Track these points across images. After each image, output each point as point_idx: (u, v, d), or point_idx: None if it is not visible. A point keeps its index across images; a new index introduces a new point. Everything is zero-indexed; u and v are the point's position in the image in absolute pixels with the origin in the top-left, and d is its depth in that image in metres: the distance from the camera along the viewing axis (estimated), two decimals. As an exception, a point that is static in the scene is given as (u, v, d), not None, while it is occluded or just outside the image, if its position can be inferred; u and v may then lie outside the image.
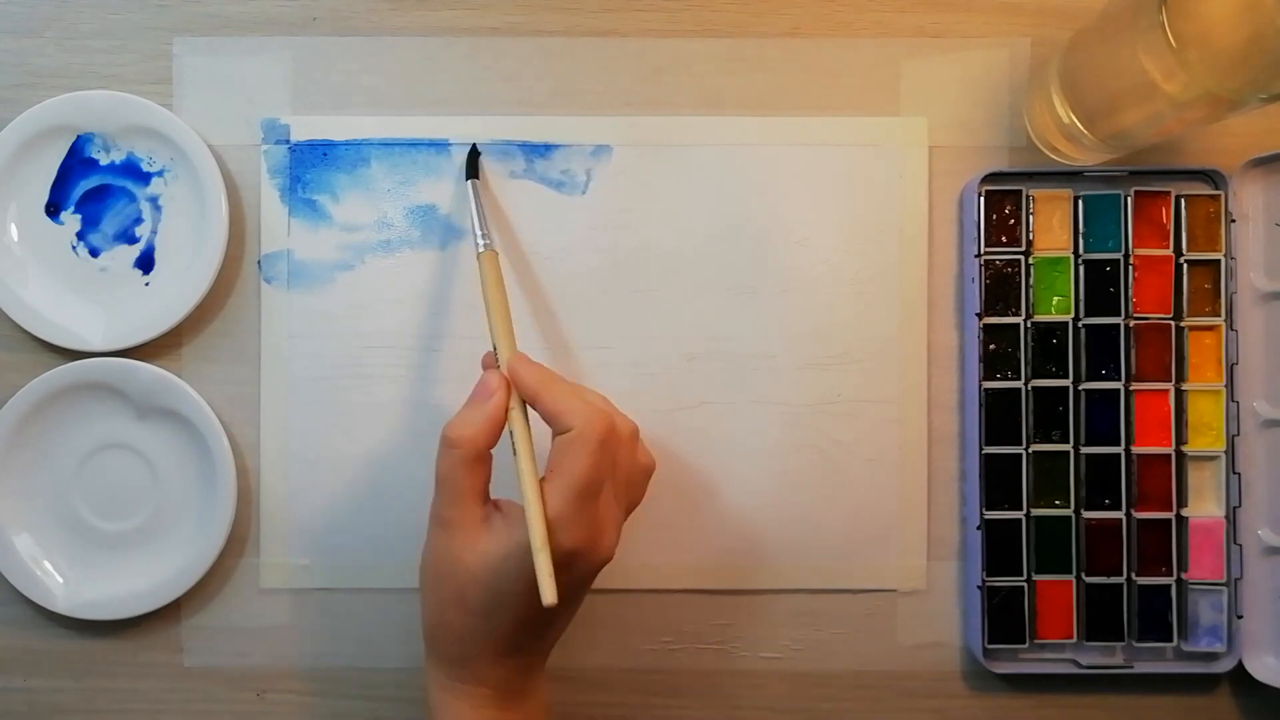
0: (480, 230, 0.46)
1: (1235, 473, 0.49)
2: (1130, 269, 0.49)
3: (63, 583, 0.50)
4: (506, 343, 0.43)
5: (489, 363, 0.44)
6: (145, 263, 0.50)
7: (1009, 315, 0.49)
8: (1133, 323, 0.49)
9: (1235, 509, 0.49)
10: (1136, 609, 0.49)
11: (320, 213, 0.51)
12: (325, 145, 0.51)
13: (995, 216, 0.49)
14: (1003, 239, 0.49)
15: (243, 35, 0.51)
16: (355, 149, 0.51)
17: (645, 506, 0.50)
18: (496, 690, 0.42)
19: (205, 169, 0.49)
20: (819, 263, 0.50)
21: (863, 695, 0.51)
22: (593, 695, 0.51)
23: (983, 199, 0.49)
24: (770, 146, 0.50)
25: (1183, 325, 0.49)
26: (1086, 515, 0.49)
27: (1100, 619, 0.49)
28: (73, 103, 0.50)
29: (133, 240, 0.50)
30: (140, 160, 0.50)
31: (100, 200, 0.50)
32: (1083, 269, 0.49)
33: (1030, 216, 0.49)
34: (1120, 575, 0.49)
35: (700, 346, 0.50)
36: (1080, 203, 0.49)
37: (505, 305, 0.44)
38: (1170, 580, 0.49)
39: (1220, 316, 0.49)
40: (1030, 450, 0.49)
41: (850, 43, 0.51)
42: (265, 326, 0.51)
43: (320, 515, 0.50)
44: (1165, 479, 0.49)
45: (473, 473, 0.41)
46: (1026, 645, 0.49)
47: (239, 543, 0.51)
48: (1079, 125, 0.46)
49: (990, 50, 0.51)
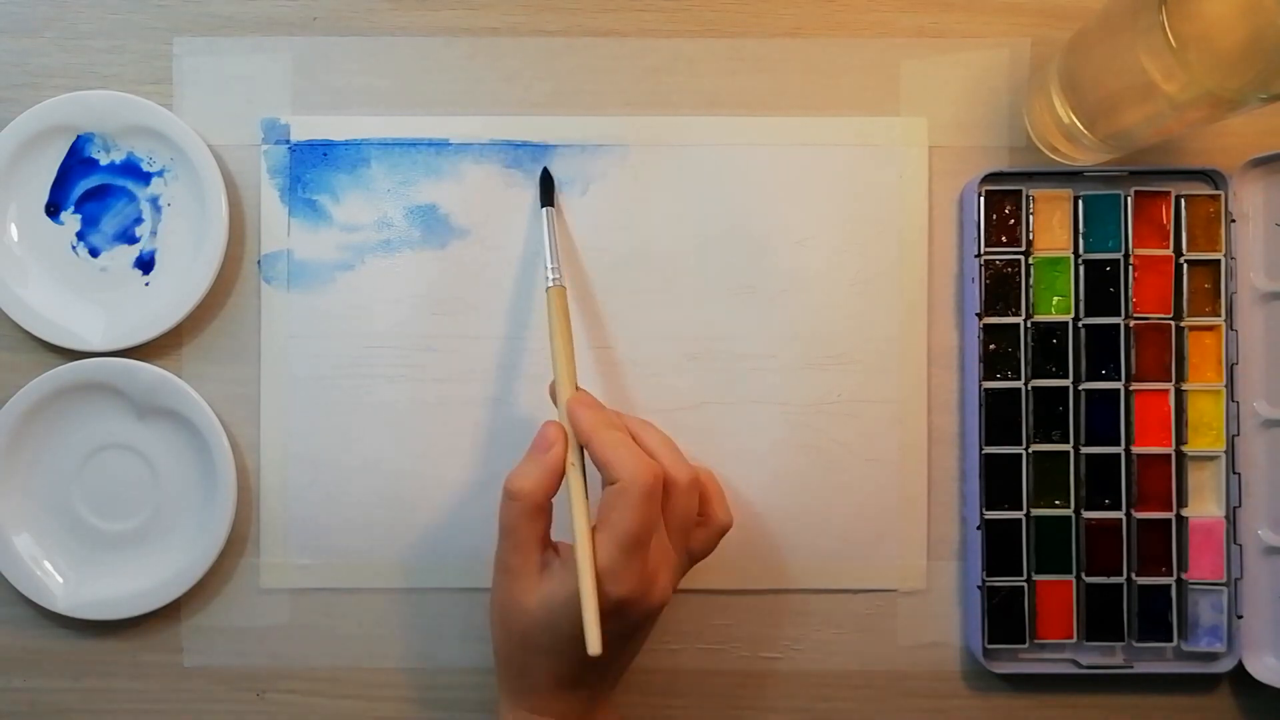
0: (552, 262, 0.47)
1: (1235, 473, 0.49)
2: (1130, 269, 0.49)
3: (63, 583, 0.50)
4: (567, 384, 0.44)
5: (554, 392, 0.45)
6: (145, 263, 0.50)
7: (1009, 315, 0.49)
8: (1133, 323, 0.49)
9: (1235, 509, 0.49)
10: (1136, 609, 0.49)
11: (320, 213, 0.51)
12: (325, 145, 0.51)
13: (995, 216, 0.49)
14: (1003, 239, 0.49)
15: (243, 35, 0.51)
16: (355, 149, 0.51)
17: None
18: None
19: (205, 169, 0.49)
20: (819, 263, 0.50)
21: (863, 695, 0.51)
22: (593, 695, 0.51)
23: (983, 199, 0.49)
24: (770, 146, 0.50)
25: (1183, 325, 0.49)
26: (1086, 515, 0.49)
27: (1100, 619, 0.49)
28: (73, 103, 0.50)
29: (133, 240, 0.50)
30: (140, 160, 0.50)
31: (100, 200, 0.50)
32: (1083, 269, 0.49)
33: (1030, 216, 0.49)
34: (1120, 575, 0.49)
35: (700, 346, 0.50)
36: (1080, 203, 0.49)
37: (570, 343, 0.45)
38: (1170, 580, 0.49)
39: (1220, 316, 0.49)
40: (1030, 450, 0.49)
41: (850, 43, 0.51)
42: (265, 326, 0.51)
43: (320, 515, 0.50)
44: (1165, 479, 0.49)
45: (533, 522, 0.42)
46: (1026, 645, 0.49)
47: (239, 543, 0.51)
48: (1079, 125, 0.46)
49: (990, 50, 0.51)
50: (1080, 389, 0.49)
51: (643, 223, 0.50)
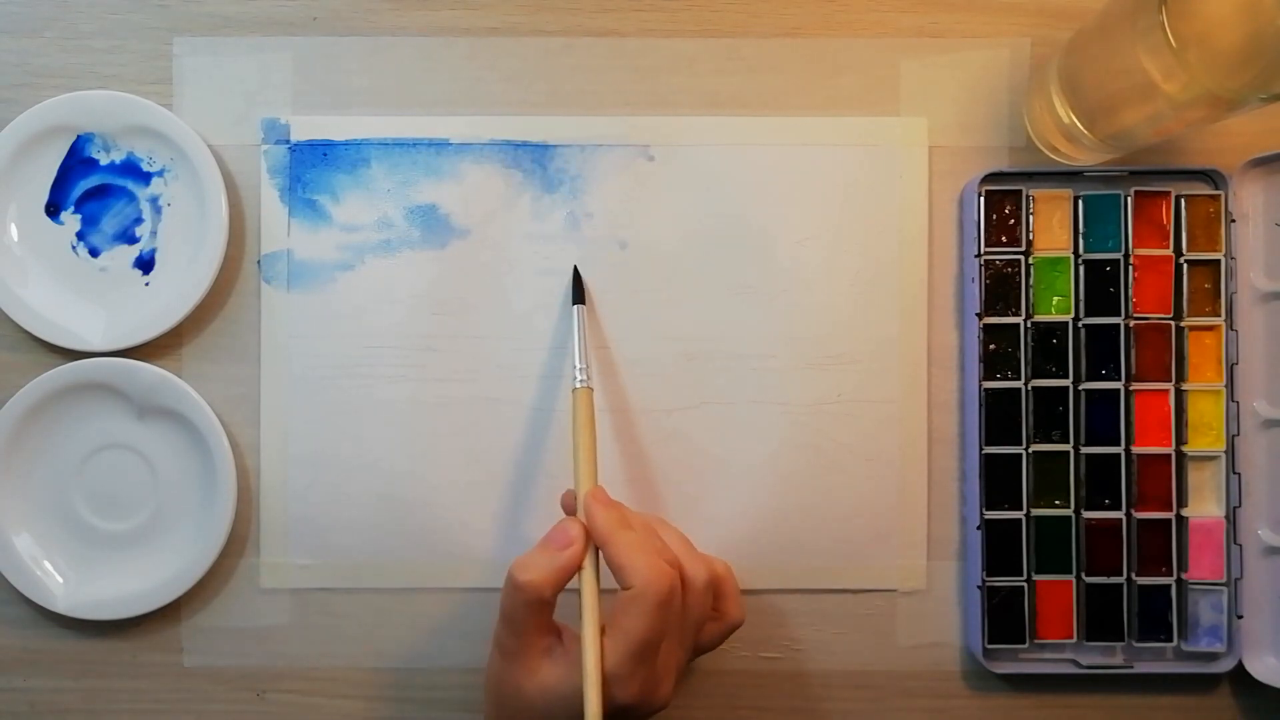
0: (581, 362, 0.46)
1: (1235, 473, 0.49)
2: (1130, 269, 0.49)
3: (63, 583, 0.50)
4: (587, 484, 0.43)
5: (567, 502, 0.45)
6: (145, 263, 0.50)
7: (1009, 315, 0.49)
8: (1133, 323, 0.49)
9: (1235, 509, 0.49)
10: (1136, 609, 0.49)
11: (320, 213, 0.51)
12: (325, 145, 0.51)
13: (995, 216, 0.49)
14: (1003, 239, 0.49)
15: (243, 35, 0.51)
16: (355, 149, 0.51)
17: (646, 507, 0.50)
18: None
19: (205, 169, 0.49)
20: (819, 263, 0.50)
21: (863, 695, 0.51)
22: (593, 695, 0.51)
23: (983, 199, 0.49)
24: (770, 146, 0.50)
25: (1183, 325, 0.49)
26: (1086, 515, 0.49)
27: (1100, 619, 0.49)
28: (73, 103, 0.50)
29: (133, 240, 0.50)
30: (140, 160, 0.50)
31: (100, 200, 0.50)
32: (1083, 269, 0.49)
33: (1030, 216, 0.49)
34: (1120, 575, 0.49)
35: (700, 347, 0.50)
36: (1080, 203, 0.49)
37: (593, 445, 0.44)
38: (1170, 580, 0.49)
39: (1220, 316, 0.49)
40: (1030, 450, 0.49)
41: (850, 43, 0.51)
42: (265, 326, 0.51)
43: (320, 515, 0.50)
44: (1165, 479, 0.49)
45: (536, 613, 0.41)
46: (1026, 645, 0.49)
47: (239, 543, 0.51)
48: (1079, 125, 0.46)
49: (990, 50, 0.51)
50: (1080, 389, 0.49)
51: (642, 223, 0.50)
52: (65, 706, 0.51)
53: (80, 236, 0.50)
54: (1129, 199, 0.49)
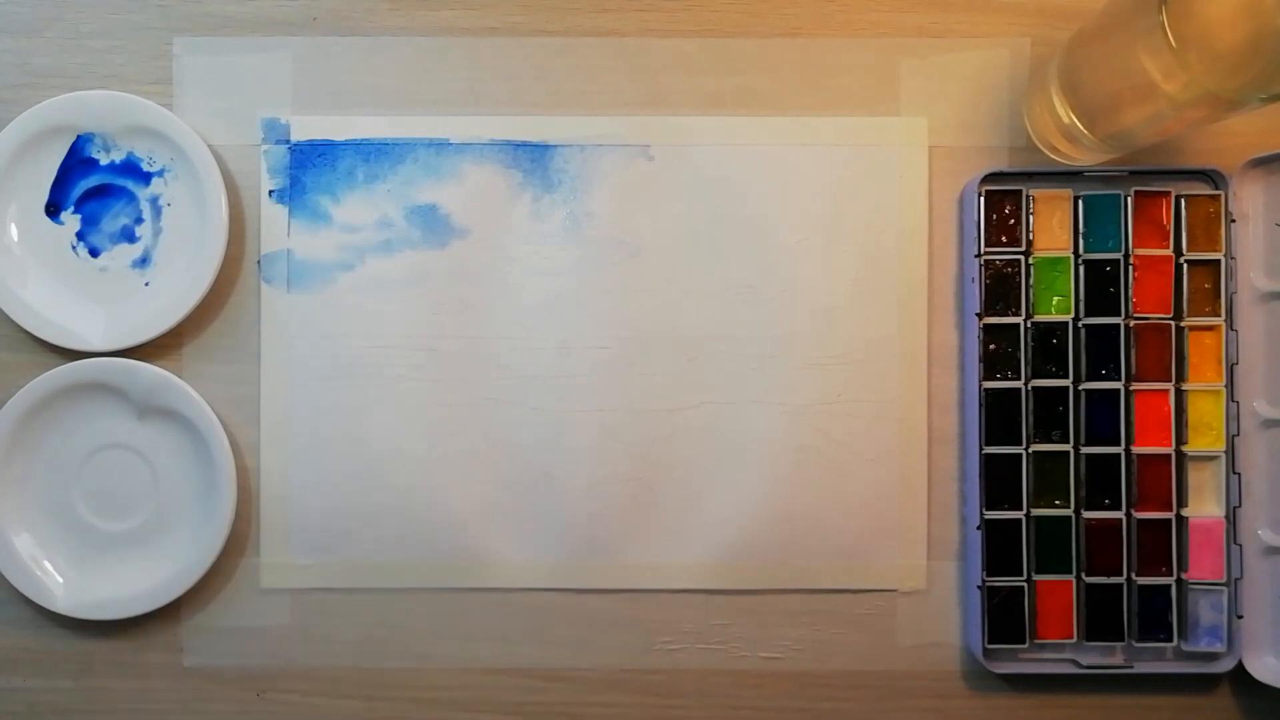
0: None
1: (1235, 473, 0.49)
2: (1130, 269, 0.49)
3: (63, 583, 0.50)
4: None
5: None
6: (145, 263, 0.50)
7: (1009, 315, 0.49)
8: (1133, 323, 0.49)
9: (1235, 509, 0.49)
10: (1136, 609, 0.49)
11: (320, 213, 0.51)
12: (325, 145, 0.51)
13: (995, 216, 0.49)
14: (1003, 239, 0.49)
15: (243, 35, 0.51)
16: (355, 149, 0.51)
17: (646, 507, 0.50)
18: None
19: (205, 169, 0.49)
20: (819, 262, 0.50)
21: (863, 695, 0.51)
22: (593, 695, 0.51)
23: (983, 199, 0.49)
24: (770, 146, 0.50)
25: (1183, 325, 0.49)
26: (1086, 515, 0.49)
27: (1100, 619, 0.49)
28: (73, 103, 0.50)
29: (133, 240, 0.50)
30: (140, 160, 0.50)
31: (100, 200, 0.50)
32: (1083, 269, 0.49)
33: (1030, 216, 0.49)
34: (1120, 575, 0.49)
35: (700, 347, 0.50)
36: (1080, 203, 0.49)
37: None
38: (1170, 580, 0.49)
39: (1220, 316, 0.49)
40: (1030, 450, 0.49)
41: (850, 43, 0.51)
42: (265, 326, 0.51)
43: (320, 516, 0.50)
44: (1165, 479, 0.49)
45: None
46: (1026, 645, 0.49)
47: (239, 543, 0.51)
48: (1079, 125, 0.46)
49: (990, 50, 0.51)
50: (1080, 389, 0.49)
51: (642, 223, 0.50)
52: (65, 706, 0.51)
53: (80, 236, 0.51)
54: (1129, 199, 0.49)
